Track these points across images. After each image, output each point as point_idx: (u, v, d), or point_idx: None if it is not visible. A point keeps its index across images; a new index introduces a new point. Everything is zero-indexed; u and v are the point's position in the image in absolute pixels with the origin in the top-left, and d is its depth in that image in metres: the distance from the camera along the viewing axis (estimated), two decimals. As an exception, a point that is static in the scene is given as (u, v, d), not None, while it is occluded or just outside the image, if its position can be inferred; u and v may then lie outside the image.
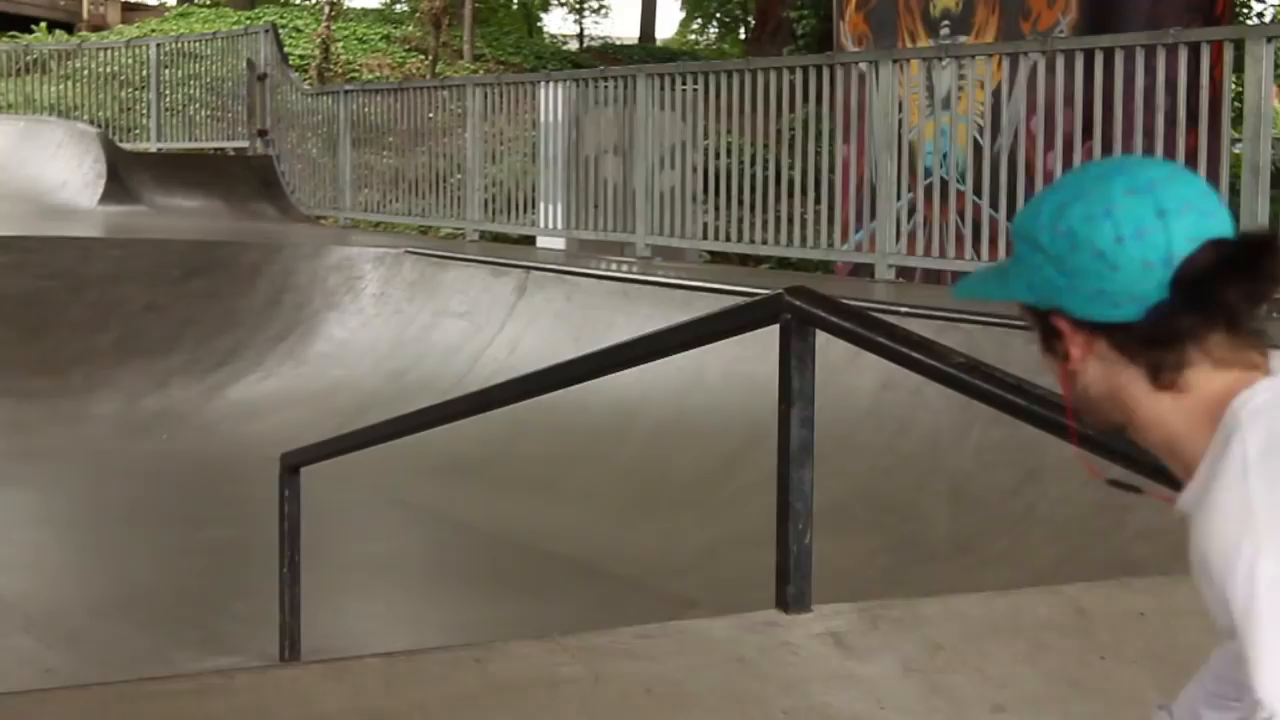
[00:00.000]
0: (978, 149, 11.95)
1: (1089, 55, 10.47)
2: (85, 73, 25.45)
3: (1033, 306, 1.95)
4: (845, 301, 3.64)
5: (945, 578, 7.23)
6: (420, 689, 3.05)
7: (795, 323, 3.54)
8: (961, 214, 11.79)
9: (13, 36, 31.74)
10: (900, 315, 8.62)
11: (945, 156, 12.32)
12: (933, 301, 9.82)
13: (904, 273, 12.21)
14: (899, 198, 11.96)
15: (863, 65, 12.65)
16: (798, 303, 3.54)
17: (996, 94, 11.49)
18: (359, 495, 9.84)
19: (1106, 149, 10.41)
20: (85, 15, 38.34)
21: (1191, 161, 10.01)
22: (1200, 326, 1.86)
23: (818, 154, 12.70)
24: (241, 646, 7.07)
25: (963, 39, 15.74)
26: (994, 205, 11.19)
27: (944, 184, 12.12)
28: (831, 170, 12.81)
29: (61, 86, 25.38)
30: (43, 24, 34.20)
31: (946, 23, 16.20)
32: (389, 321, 13.39)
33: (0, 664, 6.88)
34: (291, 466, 6.33)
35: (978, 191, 11.45)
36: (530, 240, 17.22)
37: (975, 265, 11.74)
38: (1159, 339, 1.86)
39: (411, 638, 7.22)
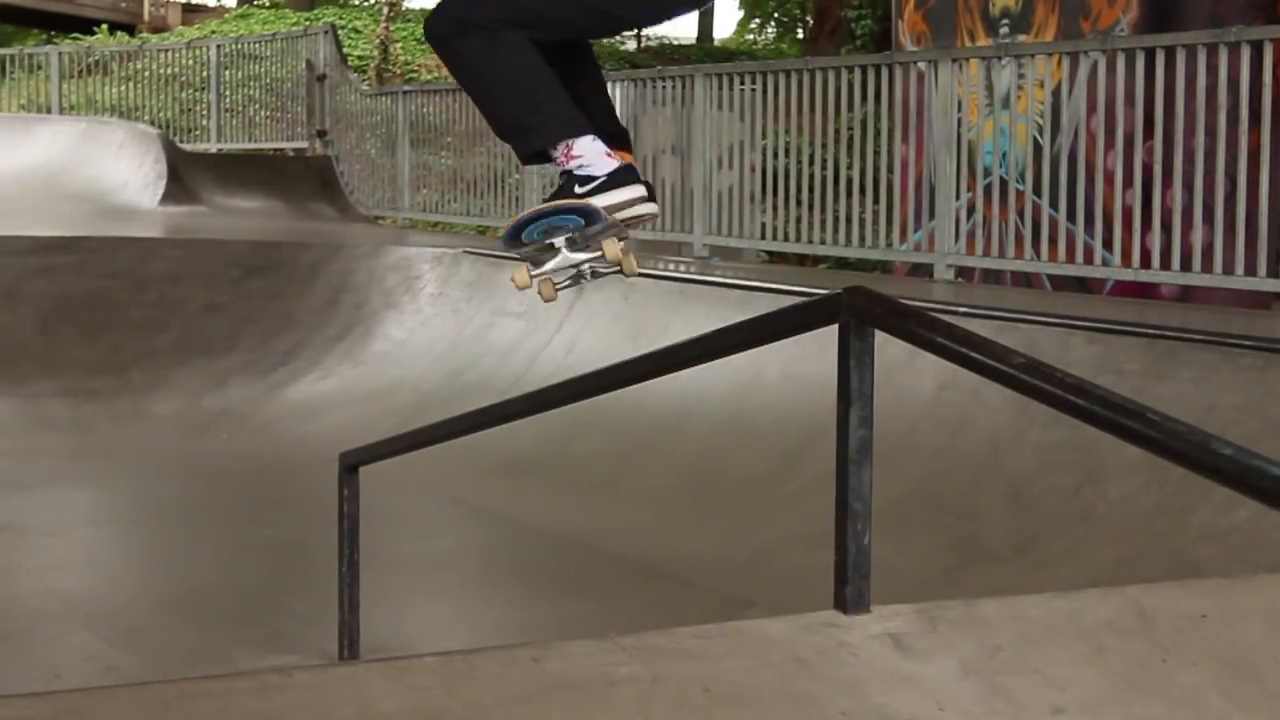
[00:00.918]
0: (1037, 148, 11.91)
1: (1150, 54, 10.41)
2: (146, 74, 25.61)
3: None
4: (904, 301, 3.62)
5: (1004, 579, 7.20)
6: (478, 688, 3.05)
7: (854, 323, 3.53)
8: (1021, 213, 11.74)
9: (75, 38, 32.00)
10: (959, 315, 8.60)
11: (1005, 156, 12.28)
12: (992, 301, 9.79)
13: (963, 273, 12.17)
14: (958, 197, 11.92)
15: (921, 64, 12.62)
16: (856, 303, 3.52)
17: (1056, 93, 11.44)
18: (417, 495, 9.86)
19: (1167, 148, 10.35)
20: (146, 17, 38.63)
21: (1254, 161, 9.95)
22: None
23: (876, 153, 12.66)
24: (300, 645, 7.10)
25: (1022, 38, 15.67)
26: (1054, 205, 11.14)
27: (1003, 183, 12.08)
28: (890, 170, 12.78)
29: (123, 88, 25.55)
30: (104, 26, 34.49)
31: (1006, 21, 16.12)
32: (447, 321, 13.42)
33: (62, 661, 6.93)
34: (350, 466, 6.35)
35: (1037, 191, 11.40)
36: (588, 240, 17.22)
37: (1035, 265, 11.69)
38: None
39: (469, 637, 7.23)
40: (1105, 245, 10.80)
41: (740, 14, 53.02)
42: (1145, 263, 10.44)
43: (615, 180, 4.39)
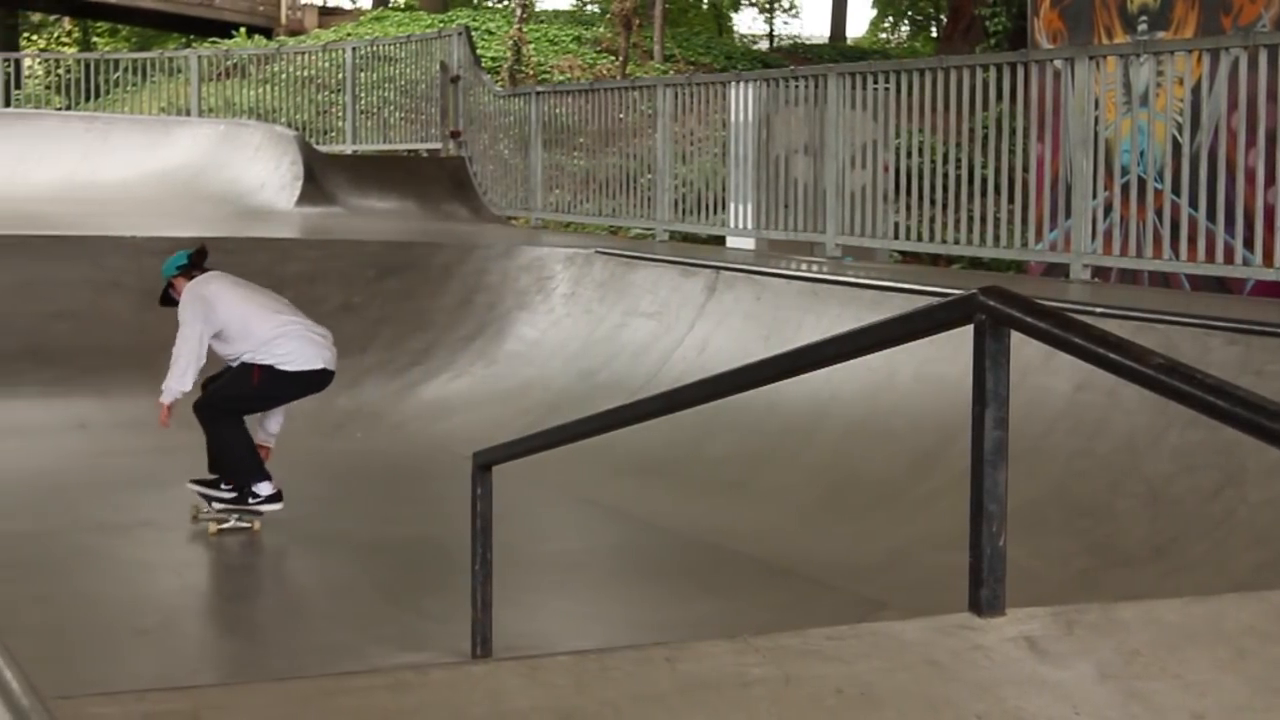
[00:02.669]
0: (1176, 146, 11.75)
1: (1292, 50, 10.24)
2: (283, 76, 25.91)
3: None
4: (1041, 302, 3.59)
5: (1142, 582, 7.11)
6: (611, 687, 3.05)
7: (990, 323, 3.50)
8: (1159, 213, 11.59)
9: (214, 42, 32.46)
10: (1095, 315, 8.50)
11: (1143, 154, 12.13)
12: (1129, 302, 9.66)
13: (1099, 273, 12.03)
14: (1094, 196, 11.78)
15: (1058, 62, 12.48)
16: (992, 303, 3.49)
17: (1196, 90, 11.26)
18: (549, 494, 9.90)
19: (1310, 146, 10.18)
20: (283, 20, 39.07)
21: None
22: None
23: (1011, 152, 12.55)
24: (434, 643, 7.14)
25: (1161, 34, 15.47)
26: (1193, 204, 10.98)
27: (1141, 182, 11.93)
28: (1025, 169, 12.66)
29: (260, 90, 25.87)
30: (242, 29, 34.94)
31: (1144, 18, 15.93)
32: (579, 321, 13.46)
33: (200, 657, 7.02)
34: (484, 465, 6.38)
35: (1176, 190, 11.24)
36: (720, 240, 17.22)
37: (1174, 265, 11.54)
38: None
39: (601, 636, 7.25)
40: (1246, 244, 10.62)
41: (874, 13, 52.86)
42: (1287, 262, 10.28)
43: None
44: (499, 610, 6.52)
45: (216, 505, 9.39)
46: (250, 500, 9.34)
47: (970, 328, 3.56)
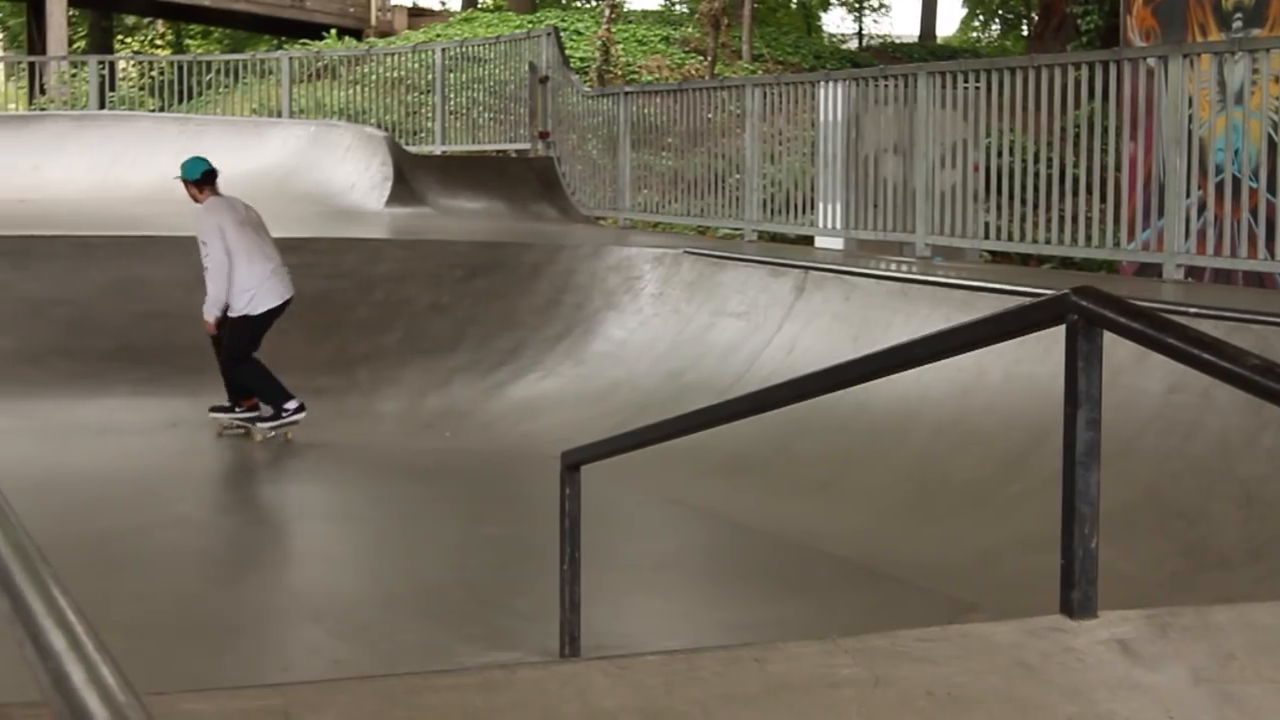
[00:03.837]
0: (1272, 145, 11.62)
1: (1390, 47, 10.10)
2: (373, 77, 26.06)
3: None
4: (1134, 302, 3.55)
5: (1237, 585, 7.03)
6: (699, 687, 3.05)
7: (1082, 323, 3.47)
8: (1254, 212, 11.46)
9: (304, 44, 32.68)
10: (1189, 316, 8.42)
11: (1237, 152, 12.01)
12: (1223, 302, 9.56)
13: (1193, 272, 11.91)
14: (1188, 195, 11.66)
15: (1151, 60, 12.37)
16: (1085, 303, 3.47)
17: (1291, 88, 11.14)
18: (637, 494, 9.91)
19: None
20: (373, 22, 39.34)
21: None
22: None
23: (1103, 151, 12.45)
24: (522, 642, 7.15)
25: (1256, 32, 15.31)
26: (1288, 203, 10.86)
27: (1235, 181, 11.81)
28: (1117, 168, 12.56)
29: (350, 91, 26.03)
30: (333, 31, 35.21)
31: (1239, 16, 15.77)
32: (667, 321, 13.46)
33: (291, 654, 7.07)
34: (572, 465, 6.39)
35: (1271, 189, 11.12)
36: (808, 240, 17.18)
37: (1269, 265, 11.42)
38: None
39: (689, 636, 7.24)
40: (1343, 244, 10.50)
41: (964, 11, 52.62)
42: (1384, 262, 10.15)
43: None
44: (587, 610, 6.53)
45: (235, 418, 12.02)
46: (284, 415, 11.84)
47: (1062, 328, 3.54)
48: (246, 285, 11.60)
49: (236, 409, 12.00)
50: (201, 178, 11.78)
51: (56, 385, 12.42)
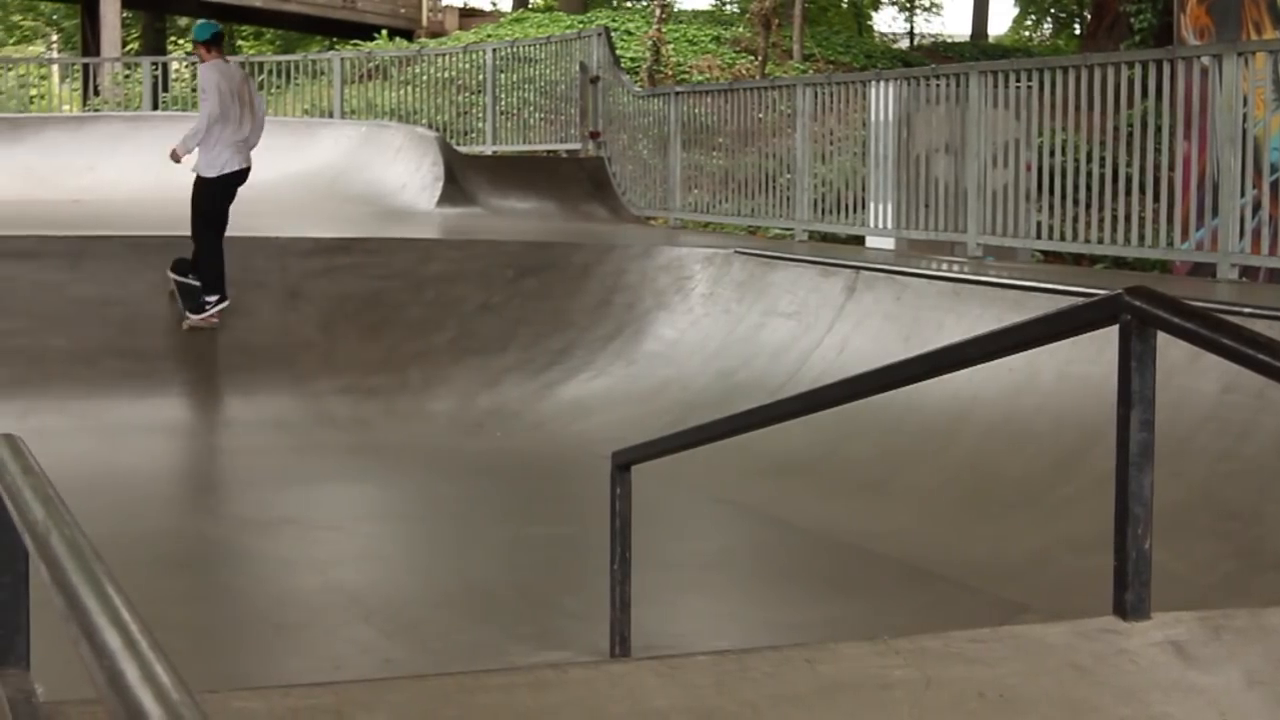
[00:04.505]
0: (1326, 144, 11.53)
1: None
2: (424, 78, 26.12)
3: None
4: (1188, 302, 3.53)
5: (1291, 588, 6.98)
6: (750, 688, 3.04)
7: (1136, 324, 3.46)
8: (1309, 211, 11.38)
9: (356, 44, 32.79)
10: (1243, 316, 8.37)
11: (1292, 151, 11.92)
12: (1278, 302, 9.50)
13: (1247, 272, 11.84)
14: (1242, 194, 11.59)
15: (1205, 59, 12.30)
16: (1138, 303, 3.45)
17: (1347, 87, 11.06)
18: (687, 494, 9.90)
19: None
20: (424, 22, 39.43)
21: None
22: None
23: (1156, 150, 12.38)
24: (573, 641, 7.16)
25: (1310, 30, 15.20)
26: (1343, 202, 10.78)
27: (1290, 180, 11.73)
28: (1171, 167, 12.48)
29: (401, 91, 26.10)
30: (384, 31, 35.28)
31: (1293, 13, 15.67)
32: (718, 321, 13.45)
33: (342, 653, 7.09)
34: (623, 465, 6.39)
35: (1326, 188, 11.04)
36: (859, 240, 17.15)
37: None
38: None
39: (740, 636, 7.23)
40: (1398, 244, 10.42)
41: (1016, 11, 52.45)
42: None
43: None
44: (637, 609, 6.53)
45: (178, 279, 12.95)
46: (206, 306, 12.88)
47: (1115, 328, 3.52)
48: (219, 146, 12.79)
49: (191, 275, 12.95)
50: (210, 39, 12.97)
51: (109, 385, 12.49)
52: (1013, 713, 3.08)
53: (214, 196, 12.90)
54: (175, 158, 13.08)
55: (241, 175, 13.01)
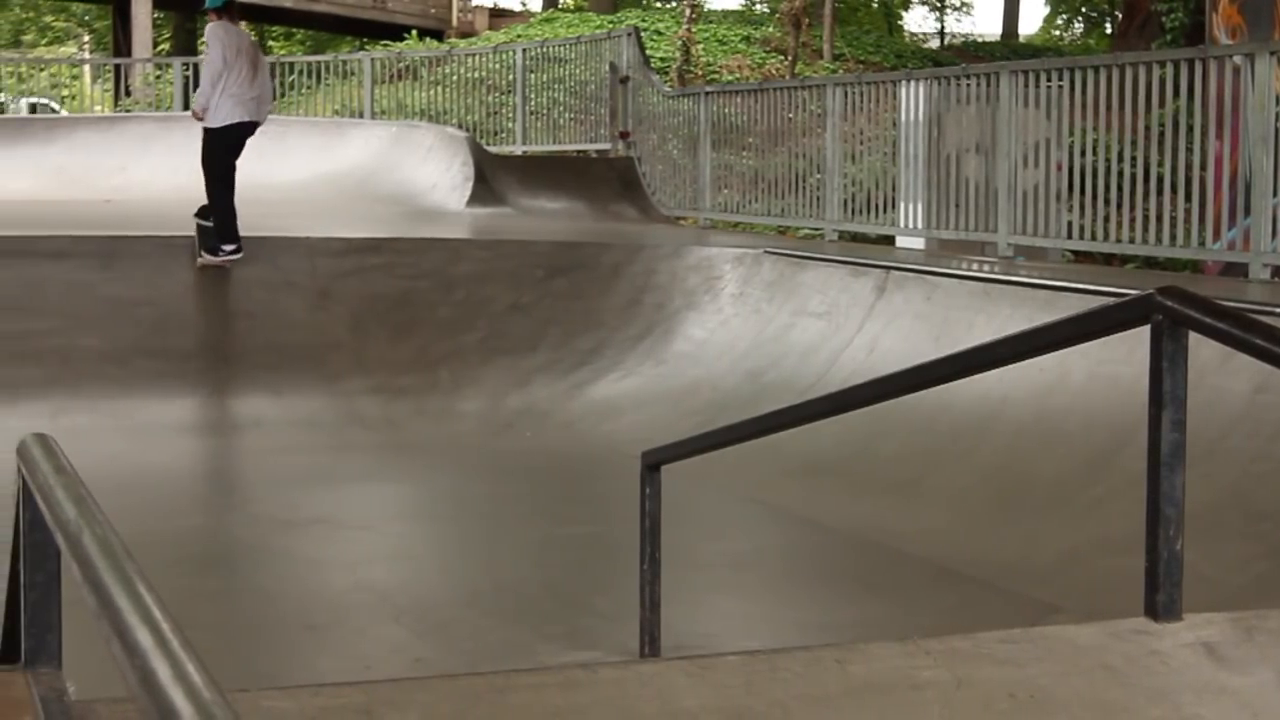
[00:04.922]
0: (1359, 143, 11.47)
1: None
2: (454, 78, 26.15)
3: None
4: (1219, 302, 3.52)
5: (1323, 589, 6.95)
6: (780, 688, 3.04)
7: (1167, 324, 3.44)
8: (1341, 211, 11.33)
9: (386, 45, 32.85)
10: (1275, 316, 8.33)
11: (1325, 151, 11.86)
12: (1310, 302, 9.46)
13: (1279, 272, 11.79)
14: (1275, 194, 11.54)
15: (1237, 58, 12.26)
16: (1170, 303, 3.44)
17: (1380, 85, 11.01)
18: (718, 494, 9.89)
19: None
20: (454, 22, 39.47)
21: None
22: None
23: (1188, 150, 12.34)
24: (602, 641, 7.16)
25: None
26: (1376, 201, 10.73)
27: (1323, 179, 11.67)
28: (1203, 167, 12.44)
29: (431, 92, 26.13)
30: (414, 32, 35.35)
31: (1326, 12, 15.60)
32: (747, 321, 13.44)
33: (372, 653, 7.10)
34: (652, 464, 6.38)
35: (1359, 187, 10.99)
36: (889, 240, 17.13)
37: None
38: None
39: (769, 637, 7.23)
40: None
41: (1047, 10, 52.35)
42: None
43: None
44: (667, 609, 6.52)
45: (201, 222, 13.36)
46: (220, 253, 13.22)
47: (1147, 328, 3.51)
48: (223, 99, 13.10)
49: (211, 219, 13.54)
50: (223, 6, 13.35)
51: (140, 384, 12.52)
52: (1043, 714, 3.08)
53: (216, 148, 13.24)
54: (197, 116, 13.37)
55: (248, 128, 13.30)
